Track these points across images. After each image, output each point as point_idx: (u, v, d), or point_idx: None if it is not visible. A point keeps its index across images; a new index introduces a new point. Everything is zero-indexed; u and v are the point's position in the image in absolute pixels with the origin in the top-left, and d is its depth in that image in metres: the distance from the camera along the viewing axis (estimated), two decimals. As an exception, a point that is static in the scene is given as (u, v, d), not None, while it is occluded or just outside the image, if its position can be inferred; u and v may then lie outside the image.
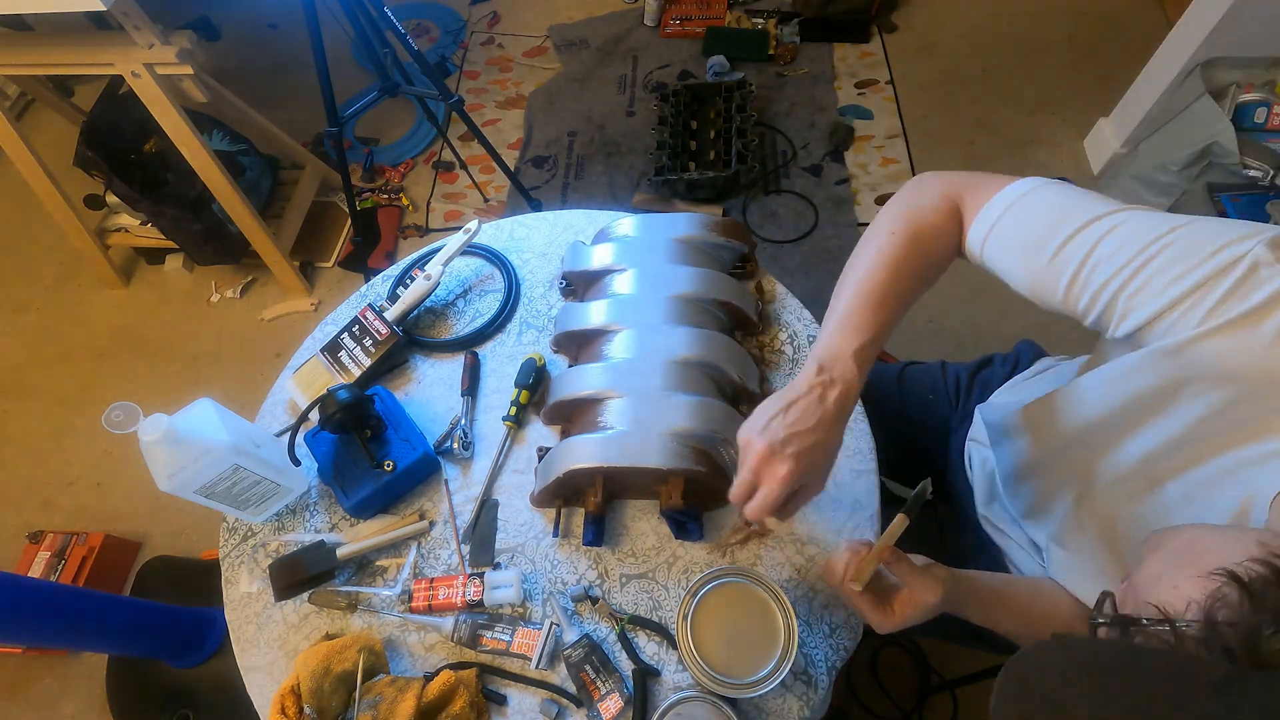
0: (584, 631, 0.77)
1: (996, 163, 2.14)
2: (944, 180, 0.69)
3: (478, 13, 2.65)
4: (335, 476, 0.85)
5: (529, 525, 0.85)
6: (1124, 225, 0.57)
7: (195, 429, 0.73)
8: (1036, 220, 0.62)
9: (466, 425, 0.92)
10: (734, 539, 0.82)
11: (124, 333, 2.08)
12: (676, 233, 0.96)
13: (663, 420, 0.79)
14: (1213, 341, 0.52)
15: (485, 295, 1.04)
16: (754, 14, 2.49)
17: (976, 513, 0.88)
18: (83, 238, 1.97)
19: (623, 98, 2.37)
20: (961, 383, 1.01)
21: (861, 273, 0.66)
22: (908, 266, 0.66)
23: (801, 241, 2.02)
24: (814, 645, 0.76)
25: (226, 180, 1.74)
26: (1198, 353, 0.53)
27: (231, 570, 0.86)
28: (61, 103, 2.10)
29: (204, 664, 1.44)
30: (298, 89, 2.43)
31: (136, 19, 1.44)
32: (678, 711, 0.69)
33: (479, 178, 2.20)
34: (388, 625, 0.81)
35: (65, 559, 1.61)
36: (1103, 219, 0.58)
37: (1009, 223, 0.63)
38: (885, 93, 2.31)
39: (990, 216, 0.64)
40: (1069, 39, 2.37)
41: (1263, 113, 1.63)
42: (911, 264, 0.66)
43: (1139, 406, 0.61)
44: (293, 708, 0.71)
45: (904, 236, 0.67)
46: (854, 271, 0.68)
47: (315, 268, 2.12)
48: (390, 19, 1.51)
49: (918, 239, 0.67)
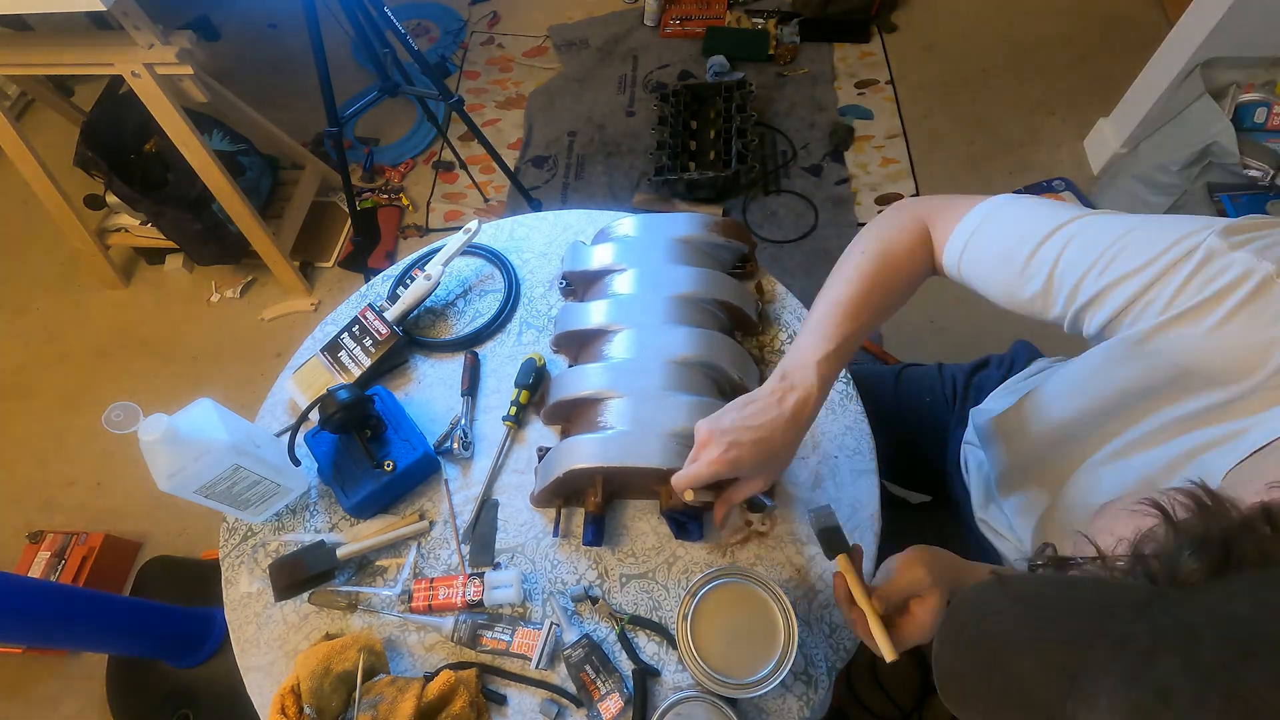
0: (584, 631, 0.77)
1: (996, 163, 2.14)
2: (915, 206, 0.74)
3: (478, 13, 2.65)
4: (335, 476, 0.85)
5: (529, 525, 0.85)
6: (1085, 230, 0.60)
7: (195, 429, 0.73)
8: (1004, 235, 0.65)
9: (466, 425, 0.92)
10: (734, 539, 0.82)
11: (124, 333, 2.08)
12: (676, 233, 0.96)
13: (663, 420, 0.79)
14: (1172, 331, 0.54)
15: (485, 295, 1.04)
16: (754, 14, 2.50)
17: (974, 516, 0.89)
18: (83, 238, 1.97)
19: (623, 98, 2.37)
20: (958, 385, 1.01)
21: (832, 288, 0.71)
22: (877, 281, 0.70)
23: (801, 241, 2.02)
24: (814, 645, 0.76)
25: (226, 180, 1.74)
26: (1159, 343, 0.55)
27: (231, 570, 0.86)
28: (61, 103, 2.10)
29: (204, 664, 1.44)
30: (298, 89, 2.43)
31: (136, 19, 1.44)
32: (678, 711, 0.69)
33: (479, 178, 2.20)
34: (388, 625, 0.81)
35: (65, 559, 1.61)
36: (1065, 226, 0.61)
37: (979, 241, 0.67)
38: (885, 93, 2.31)
39: (962, 236, 0.68)
40: (1069, 39, 2.37)
41: (1263, 113, 1.64)
42: (881, 279, 0.70)
43: (1107, 400, 0.64)
44: (293, 708, 0.71)
45: (874, 254, 0.71)
46: (827, 289, 0.72)
47: (315, 268, 2.12)
48: (390, 19, 1.51)
49: (887, 256, 0.71)
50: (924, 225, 0.72)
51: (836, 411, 0.89)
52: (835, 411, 0.89)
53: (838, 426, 0.88)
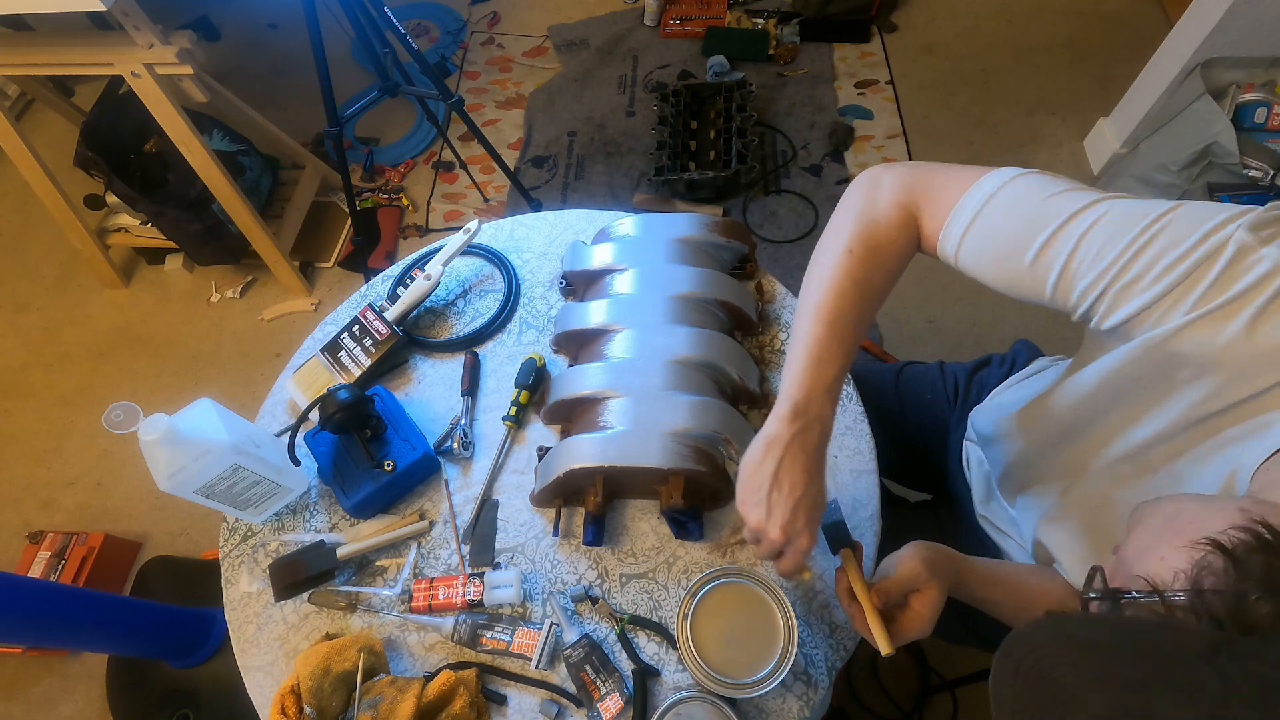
0: (584, 631, 0.77)
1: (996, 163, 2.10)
2: (898, 183, 0.68)
3: (478, 13, 2.65)
4: (335, 476, 0.85)
5: (529, 525, 0.85)
6: (1105, 219, 0.56)
7: (195, 429, 0.73)
8: (1011, 222, 0.61)
9: (466, 425, 0.92)
10: (734, 539, 0.81)
11: (124, 333, 2.08)
12: (676, 233, 0.96)
13: (663, 420, 0.79)
14: (1200, 329, 0.52)
15: (485, 295, 1.04)
16: (754, 14, 2.49)
17: (975, 513, 0.89)
18: (83, 238, 1.97)
19: (623, 98, 2.37)
20: (959, 383, 1.01)
21: (822, 296, 0.66)
22: (869, 288, 0.66)
23: (801, 241, 2.02)
24: (814, 645, 0.76)
25: (226, 180, 1.74)
26: (1186, 341, 0.53)
27: (231, 570, 0.86)
28: (61, 103, 2.10)
29: (204, 664, 1.44)
30: (298, 89, 2.43)
31: (136, 19, 1.44)
32: (677, 711, 0.69)
33: (479, 178, 2.20)
34: (388, 625, 0.81)
35: (65, 559, 1.61)
36: (1082, 214, 0.57)
37: (981, 228, 0.62)
38: (885, 93, 2.31)
39: (961, 220, 0.63)
40: (1069, 39, 2.37)
41: (1263, 113, 1.63)
42: (873, 284, 0.66)
43: (1130, 398, 0.62)
44: (293, 708, 0.71)
45: (861, 255, 0.66)
46: (814, 292, 0.67)
47: (315, 268, 2.12)
48: (390, 19, 1.51)
49: (876, 255, 0.66)
50: (910, 213, 0.67)
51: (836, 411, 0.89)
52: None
53: (838, 426, 0.88)
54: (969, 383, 1.00)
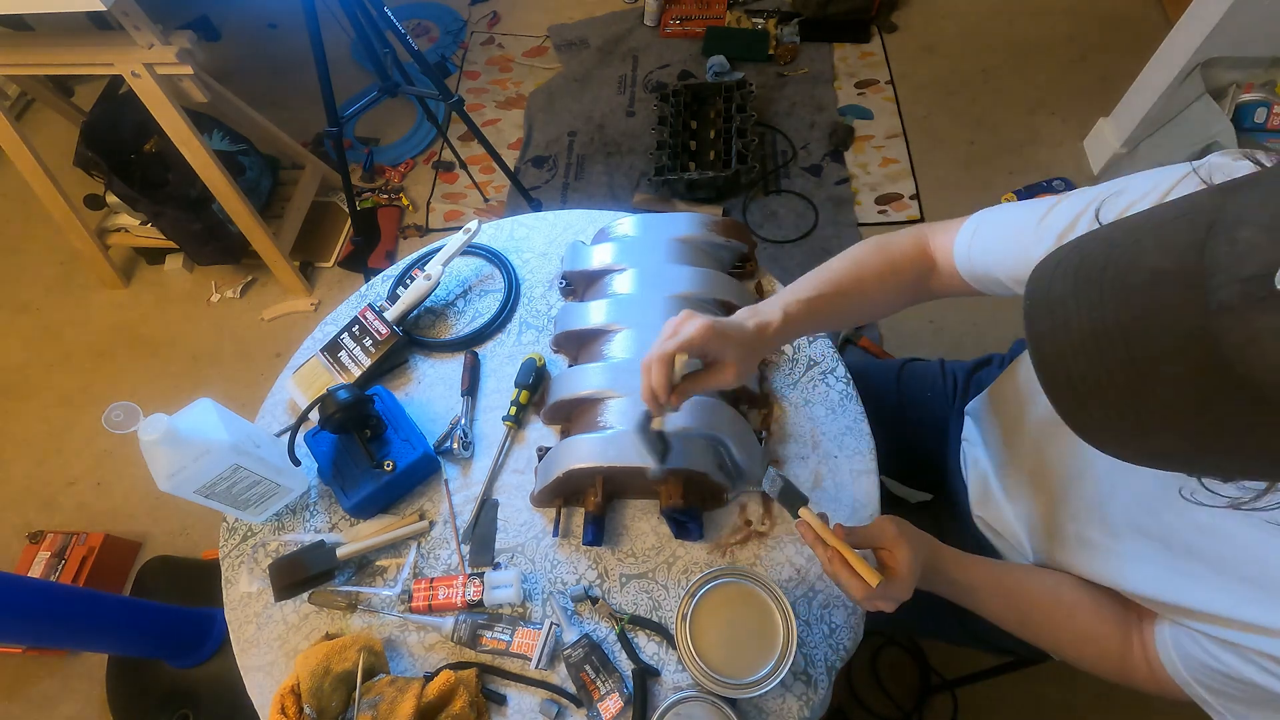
0: (584, 631, 0.77)
1: (996, 163, 2.14)
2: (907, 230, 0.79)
3: (478, 13, 2.65)
4: (335, 476, 0.85)
5: (529, 525, 0.85)
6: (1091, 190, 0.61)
7: (195, 429, 0.73)
8: (1012, 216, 0.68)
9: (466, 425, 0.92)
10: (734, 539, 0.82)
11: (124, 333, 2.08)
12: (676, 233, 0.96)
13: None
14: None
15: (485, 295, 1.04)
16: (754, 14, 2.49)
17: (972, 513, 0.89)
18: (83, 238, 1.97)
19: (623, 98, 2.37)
20: (959, 382, 1.01)
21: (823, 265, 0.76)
22: (867, 265, 0.74)
23: (801, 241, 2.02)
24: (814, 645, 0.76)
25: (226, 180, 1.74)
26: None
27: (231, 570, 0.86)
28: (61, 103, 2.10)
29: (204, 664, 1.44)
30: (298, 89, 2.43)
31: (136, 19, 1.45)
32: (677, 711, 0.69)
33: (479, 178, 2.20)
34: (388, 625, 0.81)
35: (65, 559, 1.61)
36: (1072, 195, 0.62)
37: (987, 229, 0.70)
38: (885, 93, 2.31)
39: (969, 229, 0.71)
40: (1069, 39, 2.37)
41: (1263, 113, 1.64)
42: (871, 262, 0.74)
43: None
44: (293, 707, 0.71)
45: (870, 244, 0.76)
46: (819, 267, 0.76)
47: (315, 268, 2.12)
48: (390, 19, 1.51)
49: (882, 245, 0.75)
50: (922, 239, 0.76)
51: (836, 411, 0.89)
52: (835, 411, 0.89)
53: (838, 426, 0.88)
54: (968, 382, 1.01)
